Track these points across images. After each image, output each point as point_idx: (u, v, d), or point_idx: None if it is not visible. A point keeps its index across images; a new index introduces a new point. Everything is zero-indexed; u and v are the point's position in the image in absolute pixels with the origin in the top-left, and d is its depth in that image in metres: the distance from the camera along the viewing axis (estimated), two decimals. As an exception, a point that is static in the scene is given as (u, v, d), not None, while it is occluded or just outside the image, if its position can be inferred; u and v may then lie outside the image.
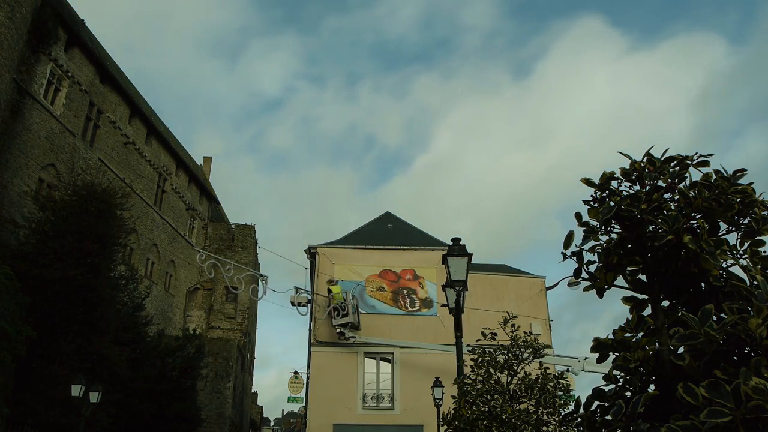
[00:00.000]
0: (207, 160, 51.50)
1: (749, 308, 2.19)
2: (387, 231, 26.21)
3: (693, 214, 2.49)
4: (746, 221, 2.50)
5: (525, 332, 8.49)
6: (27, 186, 23.51)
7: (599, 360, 2.70)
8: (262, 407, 72.06)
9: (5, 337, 14.28)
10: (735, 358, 2.19)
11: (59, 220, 18.99)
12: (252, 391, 55.91)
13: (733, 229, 2.54)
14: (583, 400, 2.67)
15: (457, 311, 8.83)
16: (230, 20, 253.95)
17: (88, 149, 28.80)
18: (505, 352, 8.09)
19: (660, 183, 2.63)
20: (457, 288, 8.73)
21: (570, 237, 2.78)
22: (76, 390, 15.84)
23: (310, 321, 22.44)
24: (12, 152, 22.78)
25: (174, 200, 38.67)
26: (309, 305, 21.90)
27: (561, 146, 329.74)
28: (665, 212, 2.50)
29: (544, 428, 7.39)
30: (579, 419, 2.68)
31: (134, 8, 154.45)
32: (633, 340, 2.57)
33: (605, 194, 2.73)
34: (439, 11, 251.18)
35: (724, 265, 2.44)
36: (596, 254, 2.75)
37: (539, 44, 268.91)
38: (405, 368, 21.70)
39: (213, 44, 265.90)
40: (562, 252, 2.79)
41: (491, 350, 8.16)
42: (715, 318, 2.23)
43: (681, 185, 2.57)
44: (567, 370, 17.47)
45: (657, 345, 2.43)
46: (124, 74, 35.31)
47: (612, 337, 2.66)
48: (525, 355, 8.12)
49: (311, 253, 23.74)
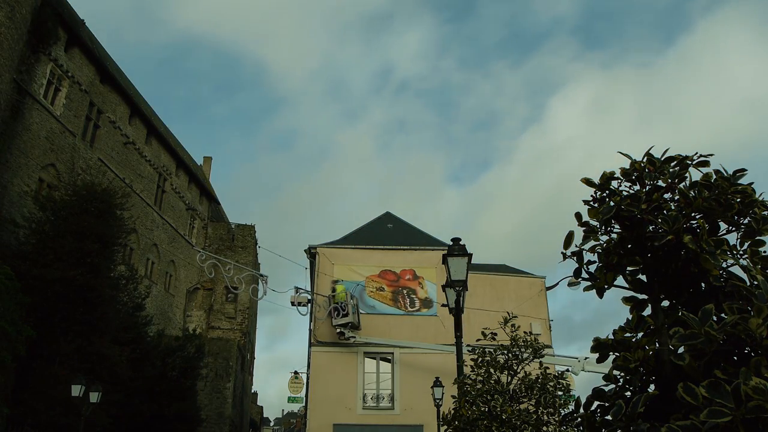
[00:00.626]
0: (207, 160, 51.50)
1: (749, 308, 2.19)
2: (387, 231, 26.21)
3: (693, 214, 2.49)
4: (746, 221, 2.50)
5: (525, 332, 8.49)
6: (27, 186, 23.51)
7: (599, 360, 2.70)
8: (262, 407, 72.11)
9: (5, 337, 14.28)
10: (735, 358, 2.19)
11: (59, 220, 18.99)
12: (252, 391, 55.91)
13: (733, 229, 2.54)
14: (583, 400, 2.67)
15: (457, 311, 8.83)
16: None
17: (88, 149, 28.80)
18: (505, 352, 8.09)
19: (660, 183, 2.63)
20: (457, 288, 8.73)
21: (570, 237, 2.78)
22: (76, 390, 15.84)
23: (310, 321, 22.44)
24: (12, 152, 22.78)
25: (174, 200, 38.67)
26: (309, 305, 21.91)
27: (694, 131, 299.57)
28: (665, 212, 2.50)
29: (544, 428, 7.39)
30: (579, 419, 2.68)
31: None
32: (633, 340, 2.57)
33: (605, 194, 2.73)
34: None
35: (724, 265, 2.44)
36: (596, 254, 2.75)
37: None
38: (405, 368, 21.70)
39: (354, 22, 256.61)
40: (562, 252, 2.79)
41: (491, 350, 8.16)
42: (715, 318, 2.23)
43: (681, 185, 2.57)
44: (567, 370, 17.48)
45: (657, 345, 2.43)
46: (124, 74, 35.31)
47: (612, 337, 2.66)
48: (525, 355, 8.12)
49: (311, 253, 23.74)
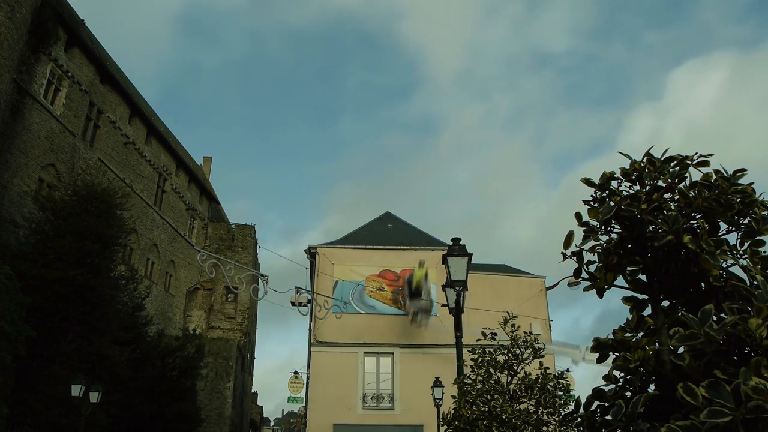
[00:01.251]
0: (207, 160, 51.52)
1: (749, 308, 2.19)
2: (387, 231, 26.21)
3: (693, 214, 2.49)
4: (746, 221, 2.50)
5: (525, 332, 8.49)
6: (27, 186, 23.51)
7: (599, 360, 2.70)
8: (262, 407, 72.15)
9: (5, 337, 14.28)
10: (735, 358, 2.19)
11: (59, 220, 19.00)
12: (252, 391, 55.91)
13: (733, 229, 2.54)
14: (583, 400, 2.67)
15: (457, 311, 8.83)
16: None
17: (88, 149, 28.80)
18: (505, 352, 8.09)
19: (660, 183, 2.63)
20: (457, 288, 8.73)
21: (570, 237, 2.78)
22: (76, 390, 15.84)
23: (310, 321, 22.44)
24: (12, 152, 22.78)
25: (174, 200, 38.67)
26: (309, 305, 21.91)
27: None
28: (665, 212, 2.50)
29: (544, 428, 7.39)
30: (579, 419, 2.68)
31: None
32: (633, 340, 2.57)
33: (605, 194, 2.73)
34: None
35: (724, 265, 2.44)
36: (596, 254, 2.75)
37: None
38: (405, 368, 21.70)
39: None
40: (562, 252, 2.79)
41: (491, 350, 8.16)
42: (715, 318, 2.23)
43: (681, 185, 2.57)
44: (567, 370, 17.45)
45: (657, 345, 2.43)
46: (124, 74, 35.32)
47: (612, 337, 2.66)
48: (525, 355, 8.12)
49: (311, 253, 23.75)
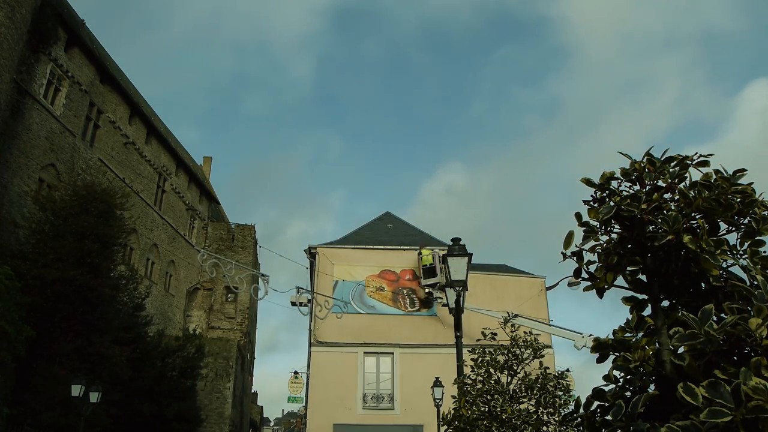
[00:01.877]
0: (207, 160, 51.52)
1: (749, 308, 2.19)
2: (387, 231, 26.22)
3: (693, 214, 2.49)
4: (746, 221, 2.50)
5: (525, 332, 8.50)
6: (27, 186, 23.51)
7: (599, 360, 2.70)
8: (262, 407, 72.11)
9: (5, 337, 14.28)
10: (735, 358, 2.19)
11: (59, 221, 19.00)
12: (252, 391, 55.90)
13: (733, 229, 2.54)
14: (583, 400, 2.67)
15: (457, 311, 8.83)
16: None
17: (88, 149, 28.80)
18: (505, 352, 8.09)
19: (660, 183, 2.63)
20: (457, 288, 8.73)
21: (570, 237, 2.78)
22: (76, 390, 15.84)
23: (310, 321, 22.44)
24: (12, 152, 22.78)
25: (174, 200, 38.67)
26: (309, 305, 21.92)
27: None
28: (665, 212, 2.50)
29: (544, 428, 7.39)
30: (579, 419, 2.68)
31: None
32: (633, 340, 2.57)
33: (605, 194, 2.73)
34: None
35: (724, 265, 2.44)
36: (596, 254, 2.75)
37: None
38: (405, 368, 21.70)
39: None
40: (562, 252, 2.79)
41: (491, 350, 8.16)
42: (715, 318, 2.23)
43: (681, 185, 2.57)
44: (567, 370, 17.45)
45: (657, 345, 2.43)
46: (124, 74, 35.31)
47: (612, 337, 2.66)
48: (525, 355, 8.12)
49: (311, 253, 23.75)
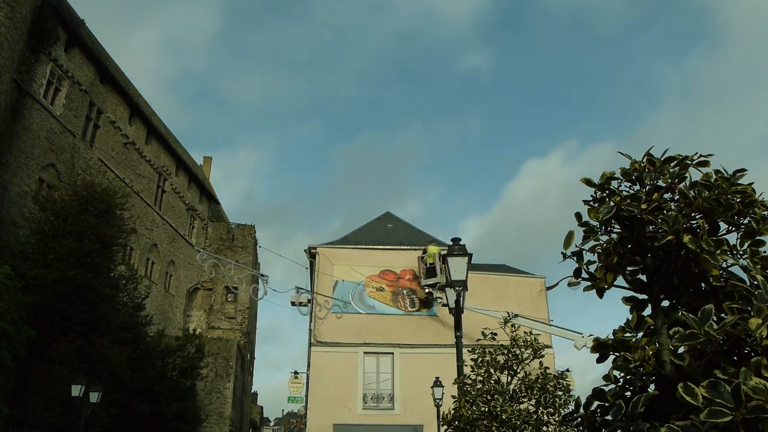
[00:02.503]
0: (207, 160, 51.52)
1: (749, 308, 2.19)
2: (387, 231, 26.21)
3: (693, 214, 2.49)
4: (746, 221, 2.50)
5: (525, 332, 8.49)
6: (27, 186, 23.51)
7: (599, 360, 2.70)
8: (262, 407, 72.12)
9: (5, 337, 14.29)
10: (735, 358, 2.19)
11: (59, 221, 18.99)
12: (252, 391, 55.91)
13: (733, 229, 2.54)
14: (583, 400, 2.67)
15: (457, 311, 8.83)
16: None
17: (88, 149, 28.80)
18: (505, 352, 8.09)
19: (660, 183, 2.63)
20: (457, 288, 8.73)
21: (570, 237, 2.78)
22: (76, 390, 15.84)
23: (310, 321, 22.44)
24: (12, 152, 22.78)
25: (174, 200, 38.66)
26: (309, 305, 21.92)
27: None
28: (665, 212, 2.50)
29: (544, 428, 7.39)
30: (579, 419, 2.68)
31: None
32: (633, 340, 2.57)
33: (605, 194, 2.73)
34: None
35: (724, 265, 2.44)
36: (596, 254, 2.75)
37: None
38: (405, 368, 21.69)
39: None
40: (562, 252, 2.79)
41: (491, 350, 8.15)
42: (715, 318, 2.23)
43: (681, 185, 2.57)
44: (567, 370, 17.46)
45: (657, 345, 2.43)
46: (124, 74, 35.31)
47: (612, 337, 2.66)
48: (525, 355, 8.12)
49: (311, 253, 23.75)
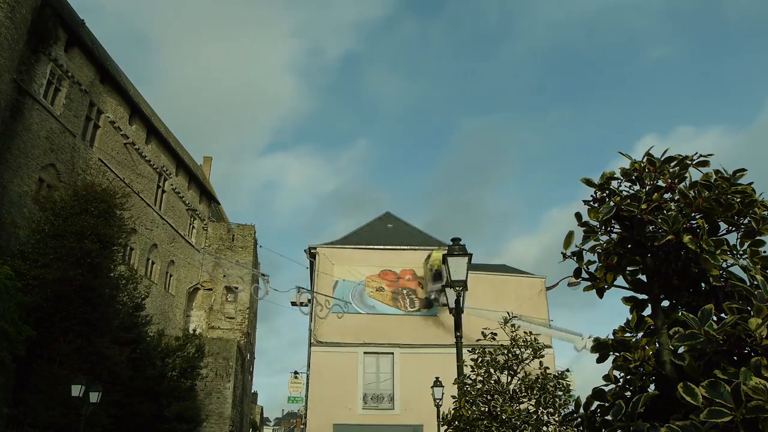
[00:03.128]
0: (207, 160, 51.52)
1: (749, 308, 2.19)
2: (387, 231, 26.22)
3: (693, 214, 2.49)
4: (746, 221, 2.50)
5: (525, 332, 8.49)
6: (27, 186, 23.51)
7: (599, 360, 2.70)
8: (262, 407, 72.15)
9: (5, 337, 14.29)
10: (735, 358, 2.19)
11: (59, 221, 18.99)
12: (252, 391, 55.91)
13: (733, 229, 2.54)
14: (583, 400, 2.67)
15: (457, 311, 8.83)
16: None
17: (88, 149, 28.80)
18: (505, 352, 8.08)
19: (660, 183, 2.63)
20: (457, 288, 8.73)
21: (570, 237, 2.78)
22: (76, 390, 15.84)
23: (310, 321, 22.45)
24: (12, 152, 22.78)
25: (174, 200, 38.66)
26: (310, 305, 21.93)
27: None
28: (665, 212, 2.50)
29: (544, 428, 7.39)
30: (579, 419, 2.68)
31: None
32: (633, 340, 2.57)
33: (605, 194, 2.73)
34: None
35: (724, 265, 2.44)
36: (596, 254, 2.75)
37: None
38: (405, 368, 21.70)
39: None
40: (562, 252, 2.79)
41: (491, 350, 8.15)
42: (715, 318, 2.23)
43: (681, 185, 2.57)
44: (567, 370, 17.46)
45: (657, 345, 2.43)
46: (124, 74, 35.31)
47: (612, 337, 2.66)
48: (525, 355, 8.12)
49: (311, 253, 23.75)
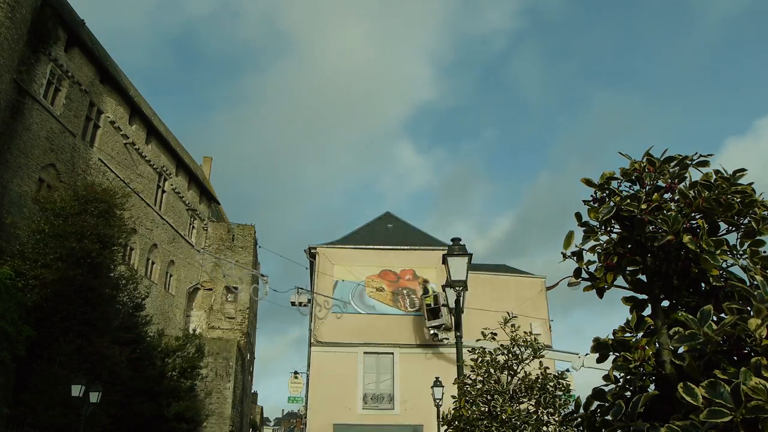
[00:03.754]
0: (207, 160, 51.52)
1: (749, 309, 2.19)
2: (387, 231, 26.21)
3: (693, 214, 2.49)
4: (746, 221, 2.50)
5: (525, 332, 8.50)
6: (27, 186, 23.50)
7: (599, 360, 2.70)
8: (262, 407, 72.18)
9: (5, 337, 14.28)
10: (735, 358, 2.19)
11: (59, 221, 18.98)
12: (252, 391, 55.92)
13: (733, 229, 2.54)
14: (583, 400, 2.67)
15: (457, 311, 8.83)
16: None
17: (88, 149, 28.80)
18: (505, 352, 8.09)
19: (660, 183, 2.63)
20: (457, 288, 8.73)
21: (570, 237, 2.78)
22: (76, 390, 15.84)
23: (310, 321, 22.45)
24: (12, 152, 22.78)
25: (174, 200, 38.66)
26: (309, 305, 21.93)
27: None
28: (665, 212, 2.50)
29: (544, 428, 7.39)
30: (579, 419, 2.68)
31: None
32: (633, 340, 2.57)
33: (605, 194, 2.73)
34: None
35: (724, 266, 2.44)
36: (596, 254, 2.75)
37: None
38: (405, 368, 21.70)
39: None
40: (562, 252, 2.79)
41: (491, 350, 8.16)
42: (715, 318, 2.23)
43: (681, 185, 2.57)
44: (567, 370, 17.48)
45: (657, 345, 2.43)
46: (124, 74, 35.31)
47: (612, 338, 2.66)
48: (525, 355, 8.13)
49: (311, 253, 23.75)
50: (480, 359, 8.00)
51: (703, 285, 2.55)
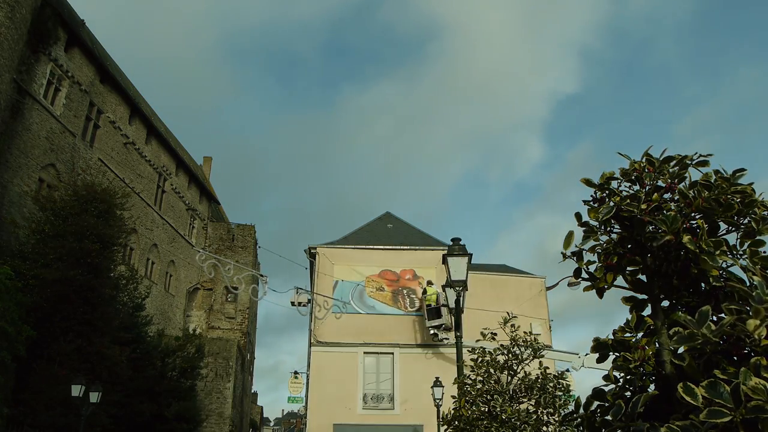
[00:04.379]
0: (207, 160, 51.52)
1: (748, 309, 2.19)
2: (387, 231, 26.20)
3: (693, 214, 2.49)
4: (746, 221, 2.50)
5: (525, 332, 8.50)
6: (27, 186, 23.51)
7: (599, 360, 2.70)
8: (262, 407, 72.16)
9: (5, 337, 14.28)
10: (735, 358, 2.19)
11: (59, 221, 18.99)
12: (252, 391, 55.91)
13: (733, 229, 2.54)
14: (583, 400, 2.67)
15: (457, 311, 8.83)
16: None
17: (88, 149, 28.80)
18: (505, 352, 8.09)
19: (660, 183, 2.63)
20: (457, 288, 8.73)
21: (570, 237, 2.78)
22: (76, 390, 15.84)
23: (310, 321, 22.44)
24: (12, 152, 22.78)
25: (174, 200, 38.67)
26: (309, 305, 21.91)
27: None
28: (665, 212, 2.50)
29: (544, 428, 7.39)
30: (579, 419, 2.68)
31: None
32: (633, 340, 2.57)
33: (605, 194, 2.73)
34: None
35: (724, 266, 2.44)
36: (596, 254, 2.75)
37: None
38: (405, 368, 21.69)
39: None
40: (562, 252, 2.79)
41: (491, 350, 8.16)
42: (715, 318, 2.23)
43: (681, 185, 2.57)
44: (567, 371, 17.48)
45: (657, 345, 2.43)
46: (124, 74, 35.30)
47: (612, 337, 2.66)
48: (525, 355, 8.13)
49: (311, 253, 23.74)
50: (480, 359, 8.00)
51: (703, 285, 2.55)
